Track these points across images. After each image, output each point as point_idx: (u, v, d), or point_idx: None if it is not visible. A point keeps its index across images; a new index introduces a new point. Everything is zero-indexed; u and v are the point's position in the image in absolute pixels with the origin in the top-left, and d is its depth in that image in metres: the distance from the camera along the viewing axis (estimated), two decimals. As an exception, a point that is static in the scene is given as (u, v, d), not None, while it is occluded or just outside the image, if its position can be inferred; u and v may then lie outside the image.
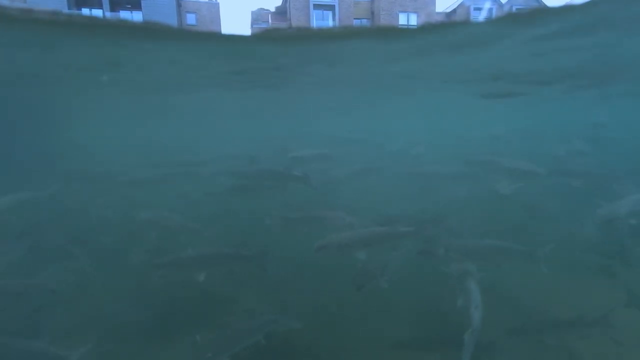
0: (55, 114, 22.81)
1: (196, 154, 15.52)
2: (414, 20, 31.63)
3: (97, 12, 27.49)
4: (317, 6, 31.15)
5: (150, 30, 7.03)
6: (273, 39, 7.93)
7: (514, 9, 31.10)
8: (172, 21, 28.56)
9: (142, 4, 28.10)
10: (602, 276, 7.57)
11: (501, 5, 32.74)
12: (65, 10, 26.27)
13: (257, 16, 33.63)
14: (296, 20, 30.84)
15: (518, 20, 7.06)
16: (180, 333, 5.98)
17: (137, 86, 13.11)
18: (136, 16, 28.16)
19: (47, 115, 22.69)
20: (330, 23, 31.24)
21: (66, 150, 19.96)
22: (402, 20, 31.61)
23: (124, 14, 28.10)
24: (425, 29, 7.73)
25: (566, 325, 5.79)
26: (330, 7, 31.39)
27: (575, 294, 6.95)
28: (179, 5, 29.56)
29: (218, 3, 30.72)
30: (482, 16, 32.13)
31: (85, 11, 27.29)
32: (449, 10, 34.79)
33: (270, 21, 32.85)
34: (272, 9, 34.61)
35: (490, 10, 32.66)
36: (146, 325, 6.16)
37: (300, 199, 10.49)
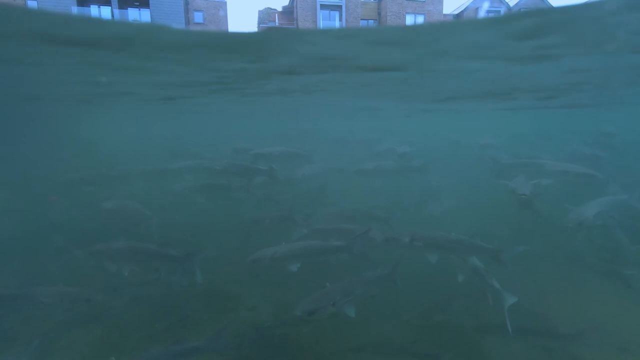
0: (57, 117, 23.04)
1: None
2: (421, 22, 31.54)
3: (106, 10, 27.69)
4: (324, 6, 31.15)
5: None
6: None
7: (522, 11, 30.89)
8: (180, 19, 28.70)
9: (150, 2, 28.25)
10: (607, 281, 7.51)
11: (509, 7, 32.57)
12: (74, 8, 26.50)
13: (264, 15, 33.70)
14: (303, 20, 30.86)
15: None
16: (182, 331, 6.01)
17: (140, 88, 13.06)
18: (144, 14, 28.33)
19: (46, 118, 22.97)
20: (337, 23, 31.23)
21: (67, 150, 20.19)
22: (409, 21, 31.54)
23: (132, 12, 28.27)
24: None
25: (570, 330, 5.75)
26: (337, 8, 31.38)
27: (579, 298, 6.90)
28: (186, 3, 29.69)
29: (225, 2, 30.82)
30: (480, 16, 31.96)
31: (93, 9, 27.49)
32: (456, 12, 34.66)
33: (277, 21, 32.90)
34: (279, 9, 34.68)
35: (498, 12, 32.48)
36: (148, 321, 6.20)
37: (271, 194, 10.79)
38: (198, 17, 30.40)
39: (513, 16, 5.11)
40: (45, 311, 6.16)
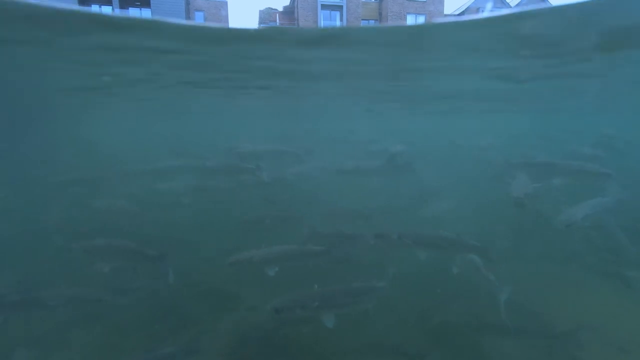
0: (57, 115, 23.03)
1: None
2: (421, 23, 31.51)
3: (107, 10, 27.71)
4: (325, 6, 31.14)
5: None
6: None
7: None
8: (181, 19, 28.70)
9: (151, 2, 28.26)
10: (607, 281, 7.50)
11: (510, 7, 32.54)
12: (75, 7, 26.51)
13: (265, 15, 33.71)
14: (304, 20, 30.84)
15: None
16: (182, 331, 6.01)
17: (140, 86, 13.00)
18: (145, 14, 28.33)
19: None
20: (337, 23, 31.22)
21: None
22: (410, 22, 31.52)
23: (133, 12, 28.29)
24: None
25: (570, 330, 5.75)
26: (338, 8, 31.37)
27: (579, 298, 6.89)
28: (187, 3, 29.70)
29: (226, 1, 30.81)
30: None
31: (94, 8, 27.51)
32: (457, 12, 34.65)
33: (278, 21, 32.90)
34: (280, 9, 34.68)
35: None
36: (148, 321, 6.20)
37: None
38: (199, 16, 30.40)
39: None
40: (45, 311, 6.15)
